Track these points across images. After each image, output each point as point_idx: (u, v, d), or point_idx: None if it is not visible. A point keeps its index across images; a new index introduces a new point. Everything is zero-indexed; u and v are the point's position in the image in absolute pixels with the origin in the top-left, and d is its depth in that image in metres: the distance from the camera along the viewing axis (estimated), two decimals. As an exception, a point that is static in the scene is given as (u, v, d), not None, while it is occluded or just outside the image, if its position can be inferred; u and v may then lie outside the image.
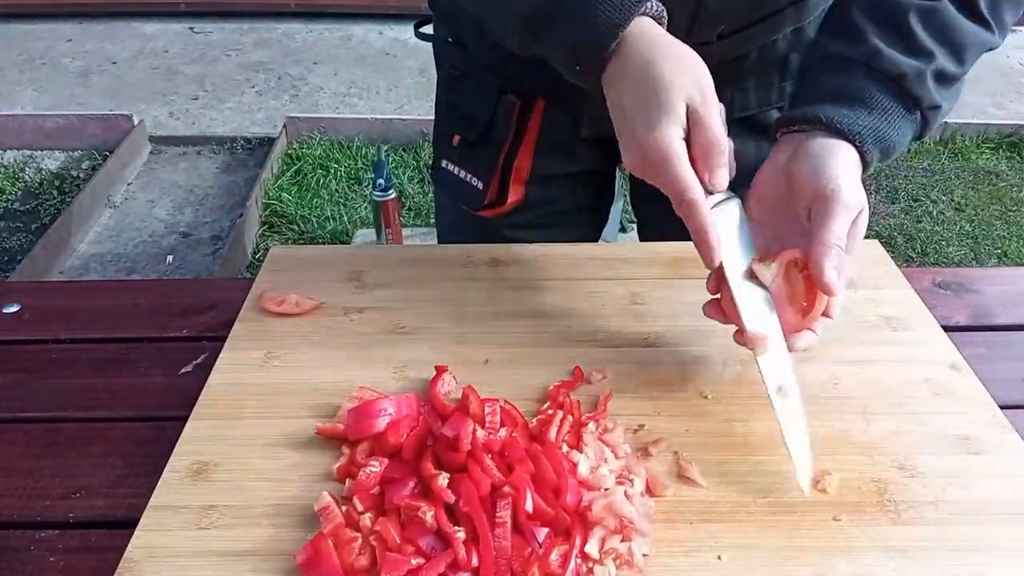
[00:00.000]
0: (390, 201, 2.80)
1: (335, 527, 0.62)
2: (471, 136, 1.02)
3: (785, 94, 0.99)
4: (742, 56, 0.93)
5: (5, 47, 4.53)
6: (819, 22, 0.93)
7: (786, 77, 0.98)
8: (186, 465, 0.70)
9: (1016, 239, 3.18)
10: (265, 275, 0.94)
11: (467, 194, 1.05)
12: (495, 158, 1.00)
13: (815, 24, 0.94)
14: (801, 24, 0.93)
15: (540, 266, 0.95)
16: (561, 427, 0.70)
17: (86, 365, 0.84)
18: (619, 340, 0.84)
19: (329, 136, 3.73)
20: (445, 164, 1.07)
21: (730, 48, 0.91)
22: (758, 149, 1.00)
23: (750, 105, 0.98)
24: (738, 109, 0.98)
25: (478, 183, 1.03)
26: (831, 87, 0.77)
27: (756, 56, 0.94)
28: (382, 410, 0.70)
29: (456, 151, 1.05)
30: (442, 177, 1.08)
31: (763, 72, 0.97)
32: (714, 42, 0.89)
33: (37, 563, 0.64)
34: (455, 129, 1.04)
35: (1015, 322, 0.90)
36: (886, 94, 0.75)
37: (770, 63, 0.96)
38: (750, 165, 0.99)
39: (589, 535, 0.61)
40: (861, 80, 0.76)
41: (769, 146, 1.00)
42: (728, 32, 0.90)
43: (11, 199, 3.37)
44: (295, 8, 4.85)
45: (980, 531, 0.64)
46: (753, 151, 0.99)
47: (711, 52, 0.89)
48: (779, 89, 0.99)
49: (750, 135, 1.00)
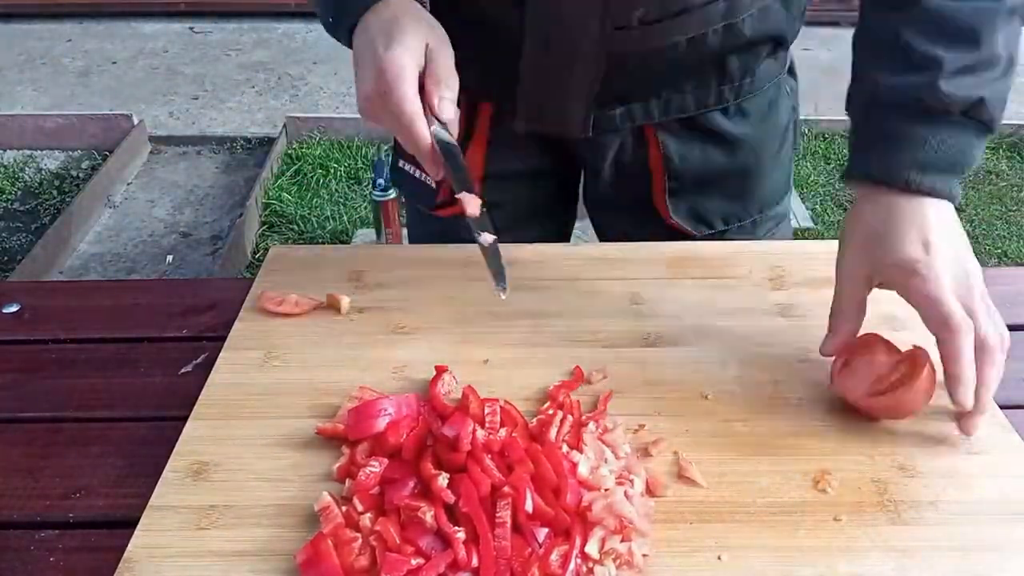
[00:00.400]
0: (390, 201, 2.80)
1: (335, 527, 0.62)
2: None
3: (724, 97, 0.97)
4: (671, 46, 0.90)
5: (5, 47, 4.53)
6: (755, 23, 0.92)
7: (724, 80, 0.96)
8: (186, 465, 0.70)
9: (1016, 239, 3.18)
10: (265, 275, 0.94)
11: (422, 193, 1.05)
12: None
13: (750, 24, 0.92)
14: (733, 21, 0.91)
15: (540, 266, 0.95)
16: (561, 427, 0.70)
17: (86, 365, 0.84)
18: (619, 340, 0.84)
19: (329, 136, 3.72)
20: (402, 164, 1.07)
21: (654, 35, 0.89)
22: (704, 153, 1.00)
23: (687, 107, 0.97)
24: (675, 110, 0.96)
25: (431, 182, 1.02)
26: (862, 137, 0.77)
27: (687, 50, 0.91)
28: (382, 410, 0.70)
29: None
30: (400, 177, 1.08)
31: (699, 72, 0.95)
32: (635, 26, 0.88)
33: (37, 563, 0.64)
34: None
35: (1015, 322, 0.90)
36: (912, 121, 0.73)
37: (703, 62, 0.93)
38: (695, 168, 1.00)
39: (589, 535, 0.61)
40: (882, 117, 0.74)
41: (715, 151, 1.00)
42: (650, 19, 0.88)
43: (11, 199, 3.37)
44: (295, 8, 4.84)
45: (980, 531, 0.64)
46: (699, 155, 1.00)
47: (634, 37, 0.89)
48: (717, 91, 0.96)
49: (695, 139, 0.99)
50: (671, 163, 0.99)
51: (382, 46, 0.74)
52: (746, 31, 0.92)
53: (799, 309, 0.87)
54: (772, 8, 0.94)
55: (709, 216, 1.04)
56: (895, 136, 0.73)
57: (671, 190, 1.00)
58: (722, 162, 1.01)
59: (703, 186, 1.01)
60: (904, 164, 0.72)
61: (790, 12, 0.96)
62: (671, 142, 0.98)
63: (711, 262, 0.95)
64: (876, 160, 0.74)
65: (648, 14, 0.87)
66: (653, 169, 1.00)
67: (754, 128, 1.01)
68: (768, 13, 0.93)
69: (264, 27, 4.81)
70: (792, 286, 0.91)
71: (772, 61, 1.00)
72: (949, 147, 0.72)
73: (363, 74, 0.76)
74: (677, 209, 1.01)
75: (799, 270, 0.93)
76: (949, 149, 0.72)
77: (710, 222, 1.04)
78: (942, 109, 0.72)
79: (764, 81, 1.00)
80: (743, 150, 1.01)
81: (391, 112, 0.74)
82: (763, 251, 0.97)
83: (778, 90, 1.03)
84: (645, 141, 0.99)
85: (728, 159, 1.01)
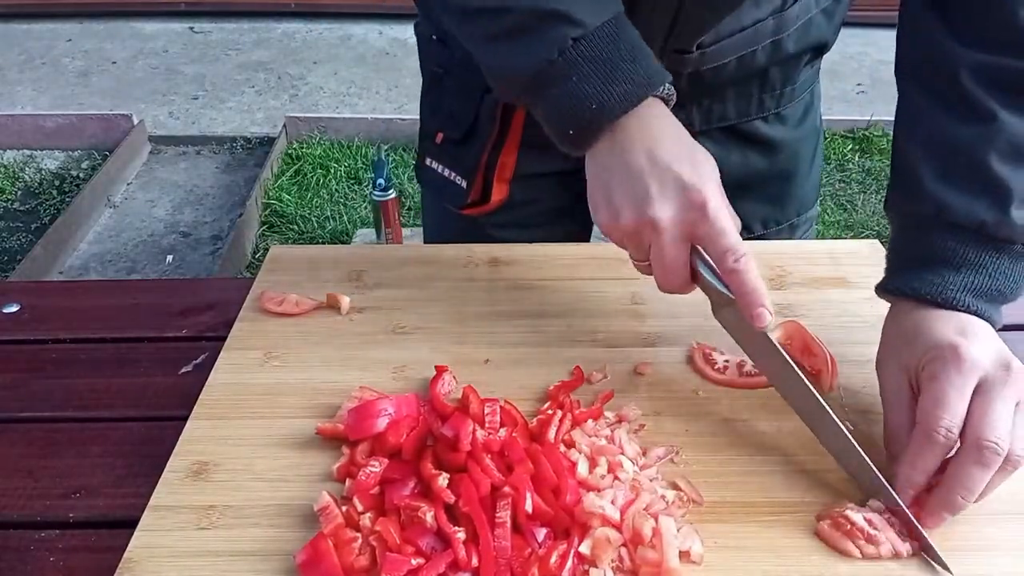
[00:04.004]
0: (390, 201, 2.80)
1: (335, 527, 0.62)
2: (455, 134, 1.01)
3: (765, 106, 0.98)
4: (721, 66, 0.92)
5: (5, 47, 4.53)
6: (799, 36, 0.93)
7: (765, 90, 0.97)
8: (186, 465, 0.70)
9: (1016, 239, 3.18)
10: (265, 275, 0.94)
11: (451, 192, 1.04)
12: (479, 156, 1.00)
13: (794, 37, 0.93)
14: (780, 37, 0.92)
15: (540, 266, 0.95)
16: (561, 427, 0.70)
17: (86, 365, 0.84)
18: (619, 340, 0.84)
19: (329, 136, 3.73)
20: (429, 162, 1.06)
21: (710, 57, 0.90)
22: (743, 157, 1.00)
23: (728, 115, 0.98)
24: (716, 119, 0.97)
25: (461, 181, 1.02)
26: (910, 251, 0.72)
27: (735, 67, 0.92)
28: (382, 410, 0.70)
29: (439, 149, 1.04)
30: (426, 175, 1.07)
31: (742, 83, 0.96)
32: (693, 51, 0.89)
33: (37, 563, 0.64)
34: (438, 127, 1.04)
35: (1015, 322, 0.90)
36: (970, 246, 0.68)
37: (749, 75, 0.95)
38: (734, 173, 1.00)
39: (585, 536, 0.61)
40: (938, 238, 0.69)
41: (755, 155, 1.00)
42: (708, 43, 0.89)
43: (11, 199, 3.38)
44: (295, 8, 4.85)
45: (980, 531, 0.64)
46: (738, 159, 1.00)
47: (690, 60, 0.89)
48: (759, 101, 0.97)
49: (735, 144, 1.00)
50: None
51: (688, 166, 0.67)
52: (791, 45, 0.93)
53: (799, 309, 0.87)
54: (815, 20, 0.94)
55: (748, 220, 1.03)
56: (953, 258, 0.68)
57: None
58: (761, 166, 1.01)
59: (742, 191, 1.00)
60: (958, 287, 0.67)
61: (832, 21, 0.97)
62: (711, 148, 0.96)
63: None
64: (929, 279, 0.68)
65: (707, 39, 0.88)
66: None
67: (792, 132, 1.01)
68: (811, 25, 0.94)
69: (264, 27, 4.81)
70: (792, 286, 0.91)
71: (810, 68, 1.00)
72: (1005, 276, 0.68)
73: (662, 189, 0.67)
74: None
75: (799, 270, 0.93)
76: (1004, 278, 0.68)
77: (749, 226, 1.03)
78: (1006, 239, 0.67)
79: (803, 88, 1.01)
80: (782, 154, 1.01)
81: (683, 242, 0.67)
82: (763, 251, 0.97)
83: (813, 95, 1.04)
84: None
85: (767, 163, 1.01)
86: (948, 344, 0.64)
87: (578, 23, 0.67)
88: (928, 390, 0.64)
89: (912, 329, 0.68)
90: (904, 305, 0.70)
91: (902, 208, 0.74)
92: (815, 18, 0.94)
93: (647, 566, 0.59)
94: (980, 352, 0.64)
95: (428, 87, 1.07)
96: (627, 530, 0.61)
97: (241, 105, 4.07)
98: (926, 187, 0.70)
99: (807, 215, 1.09)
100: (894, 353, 0.69)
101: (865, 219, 3.24)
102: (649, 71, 0.69)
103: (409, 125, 3.69)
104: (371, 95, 4.14)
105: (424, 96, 1.08)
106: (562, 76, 0.68)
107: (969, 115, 0.69)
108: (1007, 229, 0.67)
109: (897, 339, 0.70)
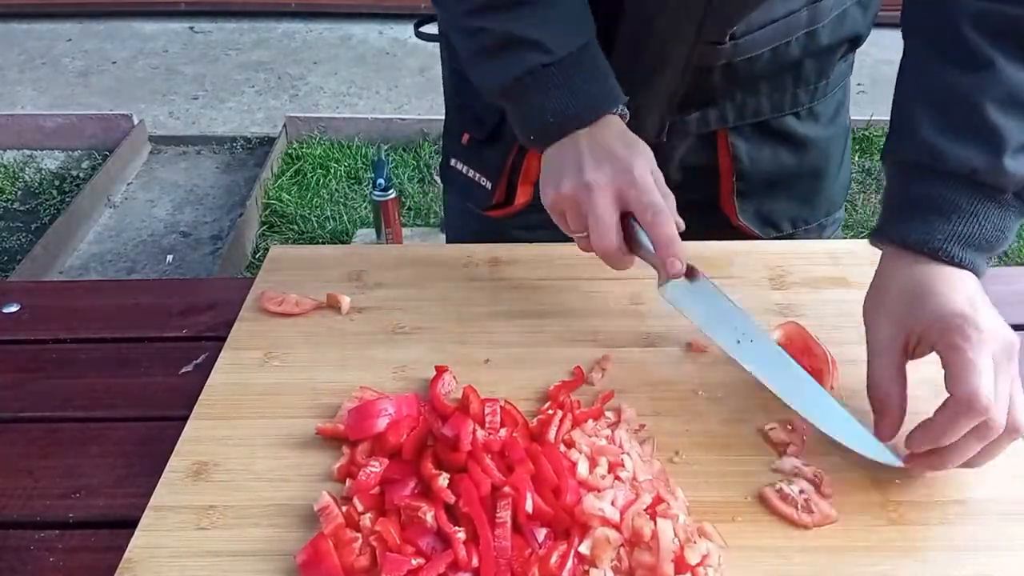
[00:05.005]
0: (390, 201, 2.80)
1: (335, 527, 0.62)
2: (480, 135, 1.01)
3: (799, 101, 0.97)
4: (755, 58, 0.91)
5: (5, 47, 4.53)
6: (833, 27, 0.93)
7: (799, 83, 0.96)
8: (186, 465, 0.70)
9: (1016, 239, 3.18)
10: (265, 275, 0.94)
11: (475, 194, 1.04)
12: (504, 159, 1.00)
13: (829, 28, 0.92)
14: (814, 28, 0.92)
15: (540, 266, 0.95)
16: (561, 427, 0.70)
17: (86, 365, 0.84)
18: (619, 340, 0.84)
19: (329, 136, 3.73)
20: (454, 163, 1.06)
21: (743, 49, 0.90)
22: (774, 154, 1.00)
23: (762, 110, 0.97)
24: (750, 114, 0.96)
25: (487, 183, 1.02)
26: (901, 198, 0.72)
27: (769, 58, 0.92)
28: (382, 410, 0.70)
29: (465, 150, 1.04)
30: (451, 176, 1.07)
31: (776, 77, 0.95)
32: (726, 43, 0.89)
33: (37, 563, 0.64)
34: (465, 128, 1.04)
35: (1015, 322, 0.89)
36: (961, 192, 0.68)
37: (783, 68, 0.94)
38: (765, 170, 0.99)
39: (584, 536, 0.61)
40: (929, 184, 0.69)
41: (786, 152, 1.00)
42: (740, 34, 0.89)
43: (11, 199, 3.37)
44: (295, 8, 4.85)
45: (980, 531, 0.64)
46: (769, 156, 0.99)
47: (724, 51, 0.89)
48: (792, 95, 0.97)
49: (766, 141, 0.99)
50: (740, 165, 0.98)
51: (620, 147, 0.76)
52: (825, 37, 0.93)
53: (799, 309, 0.87)
54: (850, 11, 0.94)
55: (776, 218, 1.03)
56: (944, 206, 0.68)
57: (739, 192, 1.00)
58: (792, 164, 1.01)
59: (772, 188, 1.01)
60: (947, 236, 0.68)
61: (867, 14, 0.96)
62: (741, 144, 0.98)
63: (711, 262, 0.95)
64: (918, 227, 0.69)
65: (739, 30, 0.88)
66: (722, 171, 1.00)
67: (824, 130, 1.01)
68: (846, 16, 0.93)
69: (264, 27, 4.81)
70: (792, 286, 0.91)
71: (843, 63, 1.00)
72: (993, 225, 0.68)
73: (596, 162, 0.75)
74: (744, 211, 1.01)
75: (799, 270, 0.93)
76: (992, 227, 0.68)
77: (777, 224, 1.03)
78: (998, 186, 0.68)
79: (836, 83, 1.00)
80: (813, 152, 1.01)
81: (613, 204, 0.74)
82: (763, 251, 0.97)
83: (845, 92, 1.03)
84: (714, 143, 0.98)
85: (798, 161, 1.01)
86: (963, 316, 0.64)
87: (547, 51, 0.76)
88: (957, 362, 0.63)
89: (915, 289, 0.68)
90: (898, 256, 0.71)
91: (897, 156, 0.74)
92: (850, 10, 0.93)
93: (642, 569, 0.59)
94: (991, 325, 0.65)
95: (452, 88, 1.07)
96: (626, 529, 0.61)
97: (241, 105, 4.07)
98: (921, 134, 0.70)
99: (835, 216, 1.09)
100: (890, 305, 0.70)
101: (865, 219, 3.24)
102: (606, 93, 0.78)
103: (409, 125, 3.68)
104: (371, 95, 4.14)
105: (449, 96, 1.08)
106: (528, 92, 0.78)
107: (968, 63, 0.69)
108: (999, 176, 0.67)
109: (894, 293, 0.70)
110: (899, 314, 0.69)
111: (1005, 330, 0.65)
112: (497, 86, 0.80)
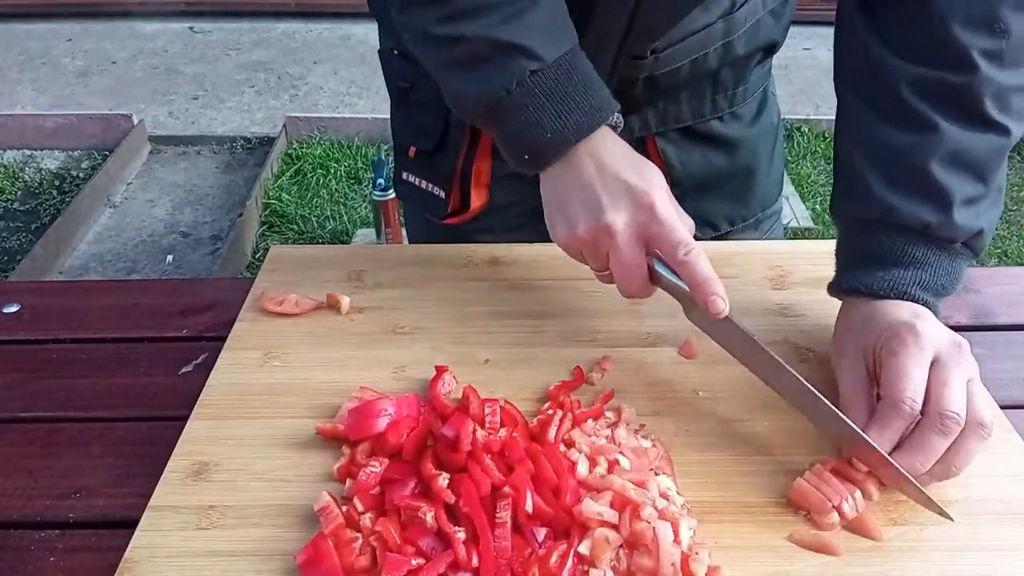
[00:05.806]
0: (390, 201, 2.80)
1: (335, 527, 0.62)
2: (427, 146, 1.01)
3: (719, 106, 0.99)
4: (675, 70, 0.93)
5: (5, 47, 4.53)
6: (748, 37, 0.94)
7: (718, 91, 0.98)
8: (186, 465, 0.70)
9: (1016, 239, 3.19)
10: (265, 275, 0.94)
11: (430, 204, 1.05)
12: (453, 165, 1.00)
13: (744, 39, 0.94)
14: (730, 39, 0.93)
15: (540, 266, 0.95)
16: (561, 427, 0.70)
17: (86, 365, 0.84)
18: (619, 340, 0.84)
19: (329, 136, 3.73)
20: (406, 176, 1.07)
21: (663, 62, 0.91)
22: (703, 157, 1.02)
23: (684, 117, 0.98)
24: (672, 120, 0.98)
25: (440, 192, 1.03)
26: (861, 251, 0.75)
27: (688, 69, 0.93)
28: (382, 410, 0.70)
29: (414, 163, 1.05)
30: (405, 189, 1.08)
31: (695, 85, 0.96)
32: (648, 57, 0.90)
33: (37, 563, 0.64)
34: (410, 141, 1.04)
35: (1015, 322, 0.90)
36: (917, 245, 0.72)
37: (702, 77, 0.96)
38: (696, 173, 1.01)
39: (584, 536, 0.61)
40: (887, 238, 0.73)
41: (715, 154, 1.02)
42: (661, 48, 0.90)
43: (11, 199, 3.38)
44: (295, 8, 4.85)
45: (980, 531, 0.64)
46: (699, 159, 1.01)
47: (646, 65, 0.91)
48: (712, 101, 0.98)
49: (694, 144, 1.00)
50: (672, 170, 1.00)
51: (634, 176, 0.72)
52: (741, 47, 0.94)
53: (799, 309, 0.88)
54: (763, 21, 0.95)
55: (713, 218, 1.04)
56: (903, 258, 0.72)
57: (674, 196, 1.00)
58: (723, 164, 1.02)
59: (705, 190, 1.02)
60: (909, 282, 0.72)
61: (780, 22, 0.98)
62: (671, 149, 0.99)
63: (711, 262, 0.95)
64: (882, 277, 0.72)
65: (660, 44, 0.89)
66: None
67: (748, 130, 1.03)
68: (760, 26, 0.95)
69: (264, 27, 4.81)
70: (792, 286, 0.91)
71: (761, 68, 1.02)
72: (946, 272, 0.73)
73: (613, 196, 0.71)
74: None
75: (799, 270, 0.93)
76: (946, 274, 0.73)
77: (715, 224, 1.05)
78: (949, 239, 0.72)
79: (755, 88, 1.02)
80: (742, 151, 1.03)
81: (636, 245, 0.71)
82: (763, 251, 0.97)
83: (765, 93, 1.06)
84: (645, 150, 0.99)
85: (728, 161, 1.02)
86: (905, 323, 0.68)
87: (536, 57, 0.71)
88: (890, 365, 0.67)
89: (867, 315, 0.73)
90: (856, 300, 0.75)
91: (850, 211, 0.77)
92: (763, 19, 0.95)
93: (641, 573, 0.59)
94: (934, 331, 0.68)
95: (396, 102, 1.07)
96: (624, 529, 0.61)
97: (241, 105, 4.07)
98: (874, 192, 0.73)
99: (771, 210, 1.11)
100: (850, 338, 0.73)
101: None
102: (600, 102, 0.73)
103: (409, 125, 3.68)
104: (371, 95, 4.14)
105: (393, 111, 1.08)
106: (518, 106, 0.72)
107: (910, 125, 0.73)
108: (950, 230, 0.72)
109: (852, 327, 0.74)
110: (857, 339, 0.72)
111: (950, 333, 0.69)
112: (483, 99, 0.73)
